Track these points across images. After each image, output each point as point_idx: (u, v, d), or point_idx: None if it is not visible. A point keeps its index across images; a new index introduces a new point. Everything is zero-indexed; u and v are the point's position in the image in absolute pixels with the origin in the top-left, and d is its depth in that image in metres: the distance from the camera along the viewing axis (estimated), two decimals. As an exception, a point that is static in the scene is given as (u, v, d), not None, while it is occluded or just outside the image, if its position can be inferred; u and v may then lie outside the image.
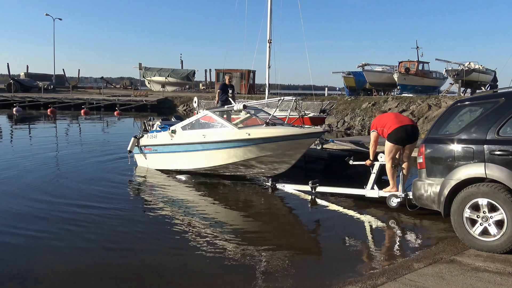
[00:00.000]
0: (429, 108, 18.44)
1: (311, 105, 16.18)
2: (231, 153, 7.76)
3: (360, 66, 28.69)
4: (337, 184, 7.24)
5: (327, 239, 5.42)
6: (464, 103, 5.03)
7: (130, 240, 5.16)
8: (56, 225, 5.59)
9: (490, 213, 4.31)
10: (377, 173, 6.72)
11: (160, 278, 4.12)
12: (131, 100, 30.99)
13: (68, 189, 7.54)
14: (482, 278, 3.69)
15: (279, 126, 7.69)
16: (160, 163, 9.21)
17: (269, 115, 8.14)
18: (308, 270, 4.36)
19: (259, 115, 8.66)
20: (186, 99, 30.76)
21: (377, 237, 5.59)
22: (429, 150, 4.88)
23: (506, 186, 4.20)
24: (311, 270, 4.35)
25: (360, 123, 19.62)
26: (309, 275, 4.20)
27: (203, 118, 8.46)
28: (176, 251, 4.84)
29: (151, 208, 6.71)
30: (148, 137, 9.35)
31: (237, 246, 4.93)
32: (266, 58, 14.30)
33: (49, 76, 49.62)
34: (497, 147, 4.29)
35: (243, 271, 4.25)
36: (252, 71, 35.98)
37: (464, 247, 4.51)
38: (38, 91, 37.06)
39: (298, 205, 7.05)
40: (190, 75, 44.57)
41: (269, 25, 14.13)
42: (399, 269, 3.98)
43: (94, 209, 6.32)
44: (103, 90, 39.68)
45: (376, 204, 6.63)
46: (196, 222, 5.91)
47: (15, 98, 31.05)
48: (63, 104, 29.95)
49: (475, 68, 27.36)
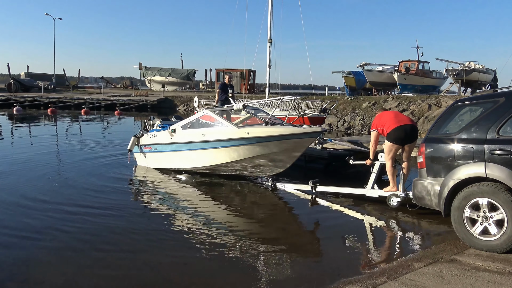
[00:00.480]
0: (429, 107, 18.44)
1: (312, 105, 16.19)
2: (231, 152, 7.77)
3: (360, 65, 28.72)
4: (337, 183, 7.24)
5: (327, 239, 5.42)
6: (464, 102, 5.03)
7: (130, 239, 5.16)
8: (55, 225, 5.58)
9: (490, 213, 4.31)
10: (377, 172, 6.72)
11: (160, 277, 4.13)
12: (132, 99, 31.00)
13: (67, 189, 7.53)
14: (482, 277, 3.69)
15: (278, 125, 7.72)
16: (160, 162, 9.23)
17: (269, 115, 8.17)
18: (308, 269, 4.37)
19: (259, 115, 8.69)
20: (187, 99, 30.77)
21: (377, 236, 5.59)
22: (429, 149, 4.88)
23: (506, 186, 4.20)
24: (311, 270, 4.36)
25: (360, 122, 19.61)
26: (309, 275, 4.21)
27: (203, 117, 8.48)
28: (177, 250, 4.84)
29: (151, 207, 6.71)
30: (148, 136, 9.37)
31: (238, 246, 4.94)
32: (267, 57, 14.34)
33: (50, 75, 49.62)
34: (497, 147, 4.29)
35: (244, 271, 4.25)
36: (252, 71, 35.98)
37: (464, 247, 4.51)
38: (39, 90, 37.07)
39: (299, 204, 7.05)
40: (190, 74, 44.57)
41: (270, 25, 14.16)
42: (399, 269, 3.98)
43: (93, 209, 6.31)
44: (103, 90, 39.73)
45: (377, 204, 6.63)
46: (196, 221, 5.91)
47: (16, 97, 31.03)
48: (64, 104, 29.95)
49: (475, 67, 27.37)
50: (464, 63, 27.38)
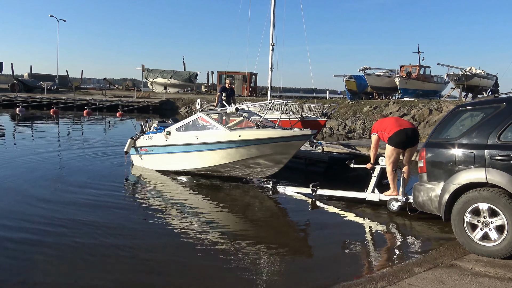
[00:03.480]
0: (430, 112, 18.43)
1: (313, 108, 16.19)
2: (223, 154, 7.96)
3: (361, 69, 28.74)
4: (337, 187, 7.24)
5: (327, 242, 5.41)
6: (465, 107, 5.04)
7: (129, 240, 5.16)
8: (53, 225, 5.57)
9: (490, 218, 4.30)
10: (378, 176, 6.73)
11: (160, 278, 4.13)
12: (134, 101, 31.07)
13: (63, 190, 7.49)
14: (482, 283, 3.69)
15: (270, 128, 7.92)
16: (155, 163, 9.39)
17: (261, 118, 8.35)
18: (308, 273, 4.36)
19: (252, 118, 8.88)
20: (188, 101, 30.83)
21: (377, 240, 5.58)
22: (430, 154, 4.88)
23: (507, 191, 4.19)
24: (310, 273, 4.35)
25: (361, 126, 19.61)
26: (308, 278, 4.20)
27: (197, 120, 8.65)
28: (176, 252, 4.84)
29: (149, 210, 6.69)
30: (144, 139, 9.55)
31: (236, 248, 4.93)
32: (269, 60, 14.35)
33: (53, 76, 49.74)
34: (498, 152, 4.29)
35: (242, 274, 4.24)
36: (254, 74, 36.03)
37: (464, 252, 4.51)
38: (41, 91, 37.15)
39: (299, 207, 7.05)
40: (192, 77, 44.66)
41: (272, 28, 14.19)
42: (399, 273, 3.98)
43: (91, 210, 6.31)
44: (105, 91, 39.74)
45: (377, 208, 6.63)
46: (196, 223, 5.91)
47: (19, 98, 31.15)
48: (66, 105, 30.04)
49: (476, 73, 27.36)
50: (465, 68, 27.38)
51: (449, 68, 27.67)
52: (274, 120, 8.84)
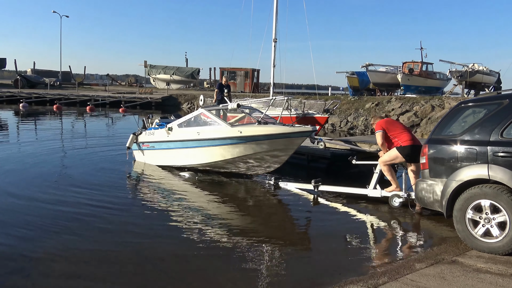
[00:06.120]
0: (432, 109, 18.38)
1: (315, 105, 16.18)
2: (224, 150, 7.99)
3: (364, 66, 28.63)
4: (339, 183, 7.26)
5: (329, 238, 5.43)
6: (468, 104, 5.02)
7: (131, 236, 5.19)
8: (56, 220, 5.61)
9: (492, 215, 4.31)
10: (380, 172, 6.73)
11: (163, 274, 4.16)
12: (136, 97, 31.09)
13: (67, 184, 7.54)
14: (484, 279, 3.70)
15: (271, 124, 7.93)
16: (157, 159, 9.43)
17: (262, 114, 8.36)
18: (310, 268, 4.39)
19: (253, 114, 8.87)
20: (191, 97, 30.84)
21: (379, 236, 5.60)
22: (432, 150, 4.88)
23: (509, 188, 4.20)
24: (312, 269, 4.38)
25: (363, 123, 19.58)
26: (310, 274, 4.23)
27: (198, 116, 8.67)
28: (178, 247, 4.87)
29: (152, 204, 6.71)
30: (146, 134, 9.58)
31: (238, 244, 4.96)
32: (271, 57, 14.31)
33: (56, 72, 49.84)
34: (500, 149, 4.29)
35: (244, 269, 4.27)
36: (256, 70, 35.97)
37: (466, 248, 4.52)
38: (45, 87, 37.20)
39: (301, 204, 7.07)
40: (195, 73, 44.67)
41: (275, 24, 14.15)
42: (401, 269, 3.99)
43: (94, 205, 6.34)
44: (108, 87, 39.78)
45: (379, 204, 6.64)
46: (198, 219, 5.94)
47: (22, 94, 31.16)
48: (69, 101, 30.07)
49: (479, 69, 27.23)
50: (468, 64, 27.25)
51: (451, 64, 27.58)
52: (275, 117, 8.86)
